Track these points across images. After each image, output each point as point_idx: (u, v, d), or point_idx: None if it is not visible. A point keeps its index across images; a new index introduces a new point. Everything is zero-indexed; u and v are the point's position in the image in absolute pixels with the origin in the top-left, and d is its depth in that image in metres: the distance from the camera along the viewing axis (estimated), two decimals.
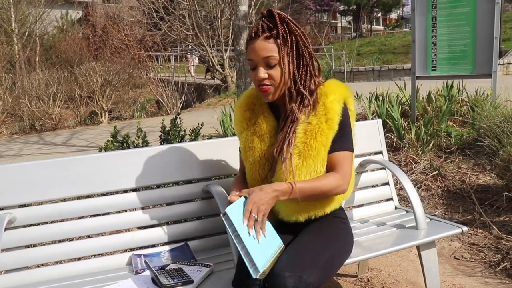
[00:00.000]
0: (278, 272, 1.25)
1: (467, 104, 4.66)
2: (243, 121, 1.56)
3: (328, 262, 1.37)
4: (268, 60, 1.40)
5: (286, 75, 1.41)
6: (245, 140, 1.54)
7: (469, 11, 4.11)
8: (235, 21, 4.33)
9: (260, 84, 1.43)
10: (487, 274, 2.32)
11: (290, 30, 1.41)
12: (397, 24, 38.96)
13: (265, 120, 1.52)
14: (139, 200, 1.79)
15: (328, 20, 34.22)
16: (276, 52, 1.40)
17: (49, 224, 1.67)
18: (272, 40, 1.40)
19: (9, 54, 15.72)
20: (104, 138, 7.18)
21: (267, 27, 1.41)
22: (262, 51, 1.40)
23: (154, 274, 1.44)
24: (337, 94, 1.45)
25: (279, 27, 1.39)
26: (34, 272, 1.63)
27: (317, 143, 1.41)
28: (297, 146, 1.42)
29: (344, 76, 14.45)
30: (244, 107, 1.58)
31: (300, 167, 1.41)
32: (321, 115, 1.43)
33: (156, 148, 1.85)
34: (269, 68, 1.41)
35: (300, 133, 1.42)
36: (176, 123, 3.29)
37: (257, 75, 1.42)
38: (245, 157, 1.54)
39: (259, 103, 1.57)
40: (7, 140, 9.22)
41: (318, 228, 1.48)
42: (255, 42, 1.41)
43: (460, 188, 3.33)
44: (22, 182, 1.64)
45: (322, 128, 1.41)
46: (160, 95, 13.16)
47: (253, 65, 1.44)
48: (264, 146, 1.50)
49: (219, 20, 13.06)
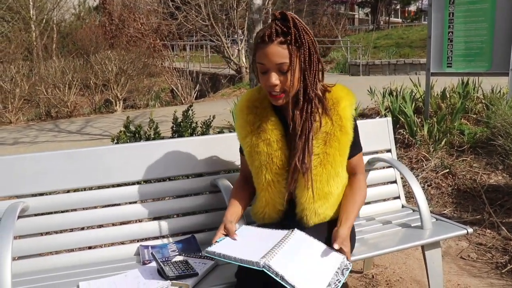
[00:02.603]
0: None
1: (482, 102, 4.60)
2: (247, 125, 1.53)
3: None
4: (281, 66, 1.37)
5: (296, 81, 1.40)
6: (250, 145, 1.53)
7: (488, 7, 4.04)
8: (249, 14, 4.33)
9: (272, 90, 1.41)
10: (493, 275, 2.32)
11: (303, 35, 1.38)
12: (416, 17, 38.37)
13: (271, 123, 1.51)
14: (148, 192, 1.83)
15: (345, 12, 33.82)
16: (289, 58, 1.36)
17: (61, 213, 1.72)
18: (286, 46, 1.36)
19: (27, 41, 15.92)
20: (118, 127, 7.28)
21: (281, 32, 1.36)
22: (275, 57, 1.36)
23: (160, 265, 1.48)
24: (347, 100, 1.49)
25: (292, 32, 1.36)
26: (46, 259, 1.68)
27: (332, 150, 1.47)
28: (319, 156, 1.46)
29: (360, 69, 14.33)
30: (245, 111, 1.55)
31: (321, 173, 1.47)
32: (337, 123, 1.47)
33: (166, 141, 1.88)
34: (282, 74, 1.38)
35: (321, 144, 1.46)
36: (188, 115, 3.32)
37: (269, 81, 1.39)
38: (250, 161, 1.54)
39: (262, 106, 1.54)
40: (23, 126, 9.40)
41: (321, 227, 1.49)
42: (268, 46, 1.36)
43: (471, 187, 3.30)
44: (36, 172, 1.68)
45: (336, 136, 1.47)
46: (175, 84, 13.24)
47: (265, 69, 1.40)
48: (271, 150, 1.49)
49: (235, 10, 13.04)
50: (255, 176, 1.54)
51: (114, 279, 1.50)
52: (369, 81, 9.02)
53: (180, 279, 1.43)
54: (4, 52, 13.09)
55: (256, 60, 1.42)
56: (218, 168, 1.93)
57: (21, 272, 1.64)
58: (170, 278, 1.42)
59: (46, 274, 1.62)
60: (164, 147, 1.86)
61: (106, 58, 11.52)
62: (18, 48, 13.74)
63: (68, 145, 6.38)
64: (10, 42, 14.30)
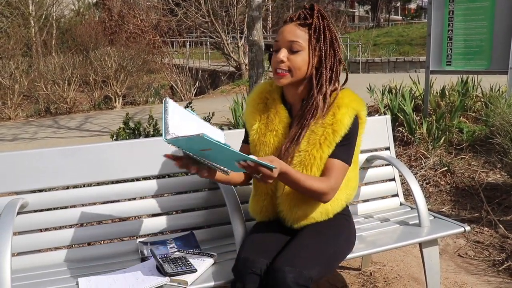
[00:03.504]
0: (279, 267, 1.28)
1: (481, 100, 4.60)
2: (256, 113, 1.55)
3: (329, 258, 1.39)
4: (292, 45, 1.41)
5: (303, 63, 1.41)
6: (257, 132, 1.53)
7: (488, 5, 4.04)
8: (248, 12, 4.32)
9: (278, 66, 1.43)
10: (490, 272, 2.33)
11: (326, 26, 1.43)
12: (416, 15, 38.32)
13: (278, 115, 1.52)
14: (148, 189, 1.83)
15: (345, 9, 33.78)
16: (303, 40, 1.41)
17: (60, 210, 1.73)
18: (304, 28, 1.42)
19: (26, 37, 15.88)
20: (117, 124, 7.27)
21: (303, 16, 1.43)
22: (288, 34, 1.42)
23: (159, 262, 1.49)
24: (349, 108, 1.45)
25: (314, 18, 1.42)
26: (45, 255, 1.69)
27: (322, 153, 1.42)
28: (300, 155, 1.43)
29: (360, 66, 14.33)
30: (257, 100, 1.58)
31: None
32: (328, 124, 1.42)
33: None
34: (292, 53, 1.42)
35: (304, 142, 1.43)
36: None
37: (277, 56, 1.43)
38: (254, 151, 1.54)
39: (272, 97, 1.56)
40: (23, 122, 9.39)
41: (320, 225, 1.50)
42: (286, 25, 1.45)
43: (469, 185, 3.32)
44: (35, 169, 1.69)
45: (328, 139, 1.42)
46: (174, 81, 13.24)
47: (277, 46, 1.45)
48: (277, 143, 1.50)
49: (235, 7, 13.02)
50: None
51: (113, 275, 1.51)
52: (368, 79, 9.02)
53: (179, 276, 1.44)
54: (3, 48, 13.05)
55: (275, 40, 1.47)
56: None
57: (21, 268, 1.65)
58: (169, 275, 1.43)
59: (45, 270, 1.63)
60: (163, 144, 1.86)
61: (105, 55, 11.50)
62: (17, 44, 13.70)
63: (67, 141, 6.38)
64: (9, 38, 14.25)
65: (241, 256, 1.39)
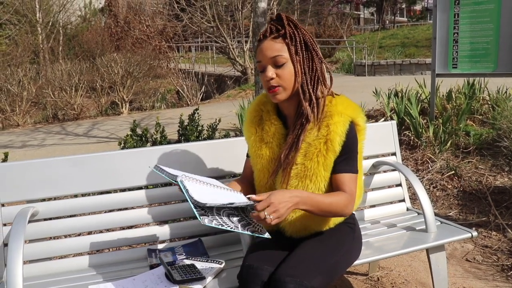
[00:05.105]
0: (279, 278, 1.28)
1: (488, 103, 4.59)
2: (252, 126, 1.57)
3: (331, 268, 1.38)
4: (275, 60, 1.41)
5: (290, 74, 1.41)
6: (253, 146, 1.55)
7: (494, 8, 4.03)
8: (254, 18, 4.34)
9: (269, 85, 1.43)
10: (499, 277, 2.32)
11: (298, 30, 1.42)
12: (422, 16, 38.17)
13: (273, 126, 1.52)
14: (156, 196, 1.85)
15: (350, 12, 33.76)
16: (284, 52, 1.40)
17: (70, 218, 1.76)
18: (279, 39, 1.41)
19: (34, 44, 16.04)
20: (124, 130, 7.32)
21: (275, 29, 1.43)
22: (269, 51, 1.41)
23: (167, 269, 1.50)
24: (343, 116, 1.42)
25: (286, 27, 1.41)
26: (56, 263, 1.72)
27: (313, 164, 1.41)
28: (296, 167, 1.43)
29: (365, 69, 14.31)
30: (253, 113, 1.59)
31: (295, 186, 1.43)
32: (322, 135, 1.41)
33: (172, 146, 1.90)
34: (277, 67, 1.41)
35: (301, 155, 1.42)
36: (194, 118, 3.35)
37: (265, 75, 1.43)
38: (253, 164, 1.55)
39: (266, 109, 1.57)
40: (31, 129, 9.48)
41: (322, 235, 1.50)
42: (262, 43, 1.43)
43: (476, 189, 3.30)
44: (45, 178, 1.72)
45: (320, 150, 1.40)
46: (181, 86, 13.29)
47: (262, 67, 1.44)
48: (272, 154, 1.50)
49: (240, 11, 13.07)
50: (257, 179, 1.55)
51: (122, 282, 1.53)
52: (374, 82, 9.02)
53: (187, 283, 1.45)
54: (11, 56, 13.20)
55: (256, 61, 1.47)
56: (224, 173, 1.95)
57: (32, 275, 1.68)
58: (177, 282, 1.45)
59: (55, 278, 1.65)
60: (171, 152, 1.89)
61: (112, 61, 11.59)
62: (25, 51, 13.85)
63: (75, 148, 6.43)
64: (17, 45, 14.43)
65: (245, 264, 1.40)
